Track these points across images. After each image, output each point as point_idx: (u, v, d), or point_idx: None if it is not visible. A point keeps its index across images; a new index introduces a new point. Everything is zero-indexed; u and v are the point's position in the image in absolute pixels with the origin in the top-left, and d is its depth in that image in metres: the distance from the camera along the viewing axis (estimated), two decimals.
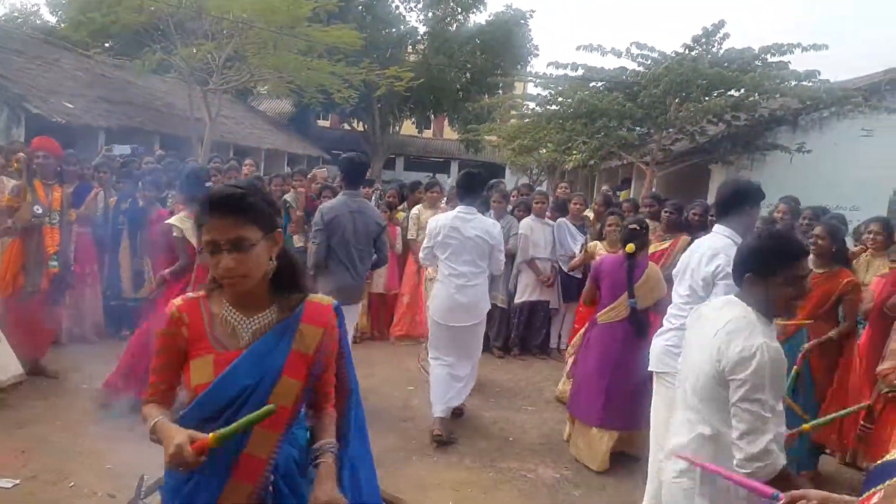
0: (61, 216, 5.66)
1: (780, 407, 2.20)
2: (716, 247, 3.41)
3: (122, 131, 14.27)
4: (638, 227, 4.83)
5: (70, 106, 14.03)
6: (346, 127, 31.37)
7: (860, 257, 5.72)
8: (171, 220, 4.99)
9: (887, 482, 1.26)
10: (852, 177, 12.28)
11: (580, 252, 7.02)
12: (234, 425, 1.63)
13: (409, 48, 27.64)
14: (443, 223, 5.08)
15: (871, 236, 5.55)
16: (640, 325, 4.66)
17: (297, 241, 7.26)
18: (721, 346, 2.17)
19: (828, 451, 4.91)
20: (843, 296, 4.52)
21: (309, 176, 9.00)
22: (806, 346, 4.46)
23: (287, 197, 7.55)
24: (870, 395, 4.63)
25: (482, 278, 5.13)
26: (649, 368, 3.81)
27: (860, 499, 1.31)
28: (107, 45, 21.51)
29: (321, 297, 1.92)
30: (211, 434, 1.61)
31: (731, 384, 2.13)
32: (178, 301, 1.86)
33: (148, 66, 16.57)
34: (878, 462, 1.41)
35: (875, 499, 1.25)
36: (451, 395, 5.07)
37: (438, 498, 4.09)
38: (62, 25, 21.72)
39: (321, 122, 33.91)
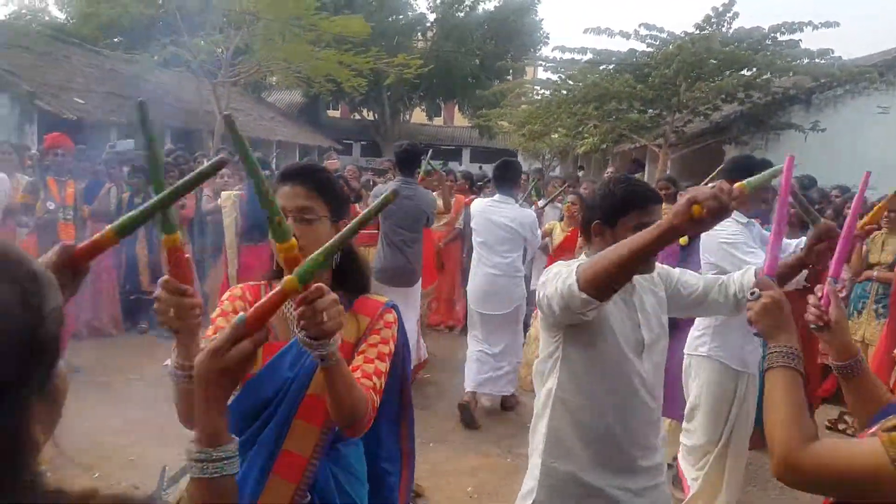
0: (75, 212, 5.70)
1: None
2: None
3: (133, 127, 14.34)
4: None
5: (81, 102, 14.11)
6: (357, 117, 31.36)
7: (875, 235, 5.65)
8: None
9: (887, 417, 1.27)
10: (869, 155, 12.10)
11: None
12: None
13: (418, 35, 27.56)
14: (478, 210, 5.21)
15: (889, 216, 5.49)
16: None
17: None
18: None
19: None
20: None
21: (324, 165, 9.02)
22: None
23: None
24: (887, 380, 4.59)
25: (514, 267, 5.13)
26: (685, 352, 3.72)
27: (863, 432, 1.33)
28: (116, 39, 21.59)
29: (377, 295, 1.84)
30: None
31: None
32: (240, 286, 1.83)
33: (158, 58, 16.62)
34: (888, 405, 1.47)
35: (874, 429, 1.27)
36: (484, 377, 5.11)
37: (457, 484, 4.10)
38: (71, 21, 21.83)
39: (331, 113, 33.93)
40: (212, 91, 16.40)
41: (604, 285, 1.69)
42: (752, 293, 1.51)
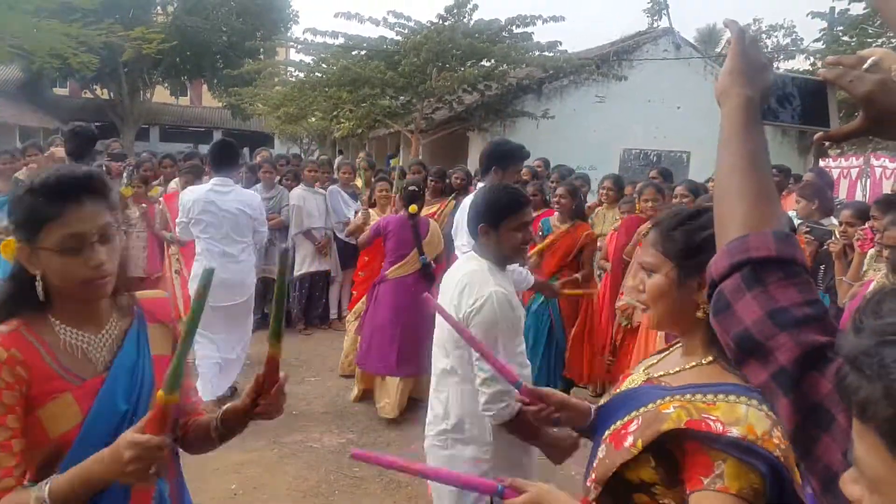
0: None
1: (521, 348, 2.43)
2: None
3: None
4: (416, 189, 5.27)
5: None
6: (89, 95, 28.25)
7: (597, 211, 6.47)
8: None
9: (641, 409, 1.34)
10: (590, 139, 13.78)
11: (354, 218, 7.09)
12: (176, 356, 1.27)
13: (157, 10, 25.53)
14: (197, 197, 4.87)
15: (605, 192, 6.32)
16: (430, 276, 5.07)
17: None
18: (458, 298, 2.33)
19: (580, 385, 5.55)
20: (584, 247, 5.10)
21: (46, 154, 8.02)
22: (557, 283, 4.89)
23: (19, 175, 6.66)
24: (611, 331, 5.34)
25: (247, 253, 5.05)
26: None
27: (619, 425, 1.37)
28: None
29: (150, 292, 1.67)
30: (158, 392, 1.26)
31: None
32: None
33: None
34: (622, 389, 1.51)
35: (633, 426, 1.32)
36: (222, 381, 5.03)
37: (220, 483, 3.99)
38: None
39: (59, 91, 30.18)
40: None
41: None
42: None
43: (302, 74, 15.53)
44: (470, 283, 2.33)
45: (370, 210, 6.68)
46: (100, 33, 16.24)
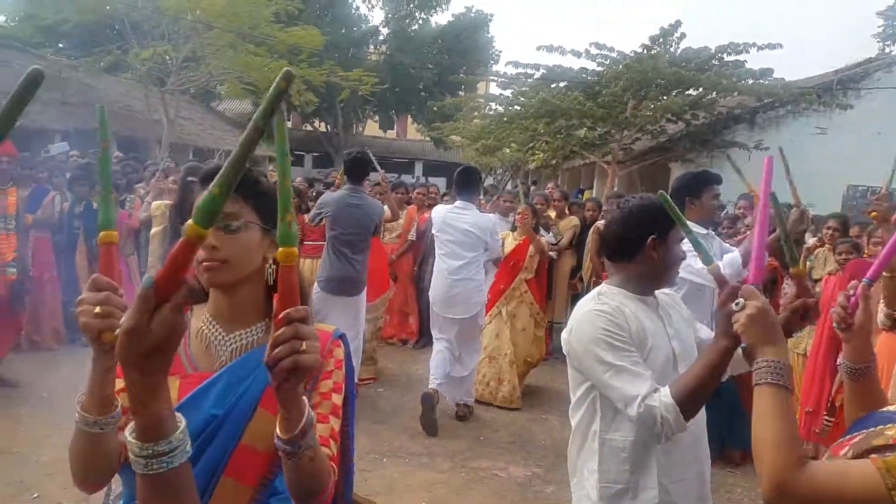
0: (17, 221, 5.51)
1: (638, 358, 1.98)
2: None
3: (79, 134, 13.94)
4: None
5: None
6: (308, 128, 31.13)
7: (817, 252, 5.87)
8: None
9: (871, 429, 1.27)
10: (808, 173, 12.58)
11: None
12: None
13: (371, 48, 27.58)
14: (439, 216, 5.32)
15: (830, 232, 5.72)
16: None
17: None
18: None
19: None
20: None
21: (272, 181, 8.90)
22: None
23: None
24: (830, 388, 4.76)
25: (474, 272, 5.24)
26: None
27: (844, 440, 1.31)
28: (60, 45, 20.97)
29: (324, 325, 1.51)
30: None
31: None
32: None
33: (103, 65, 16.21)
34: (867, 414, 1.40)
35: (857, 439, 1.26)
36: (449, 371, 5.26)
37: (411, 500, 4.08)
38: (10, 24, 21.13)
39: None
40: (160, 99, 16.07)
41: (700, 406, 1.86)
42: (737, 303, 1.43)
43: (500, 107, 15.89)
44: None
45: (509, 233, 6.48)
46: (321, 73, 17.86)
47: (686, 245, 2.79)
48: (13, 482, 3.82)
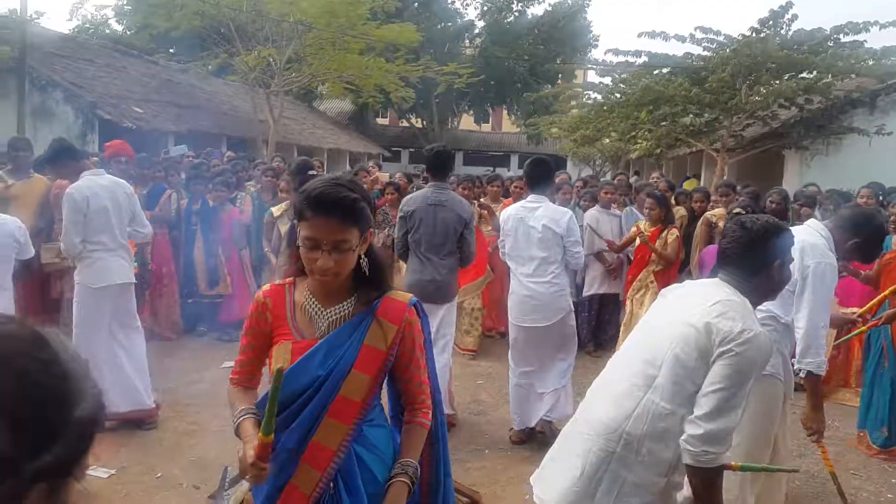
0: None
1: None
2: (810, 243, 3.12)
3: (190, 134, 14.73)
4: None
5: (139, 111, 14.56)
6: (405, 124, 31.60)
7: None
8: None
9: None
10: None
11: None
12: (267, 410, 1.59)
13: (467, 42, 27.65)
14: (509, 214, 4.74)
15: None
16: None
17: None
18: (710, 311, 2.06)
19: None
20: None
21: (371, 178, 9.06)
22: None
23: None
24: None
25: (552, 272, 4.55)
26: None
27: None
28: (171, 50, 22.19)
29: (401, 294, 1.90)
30: (259, 434, 1.64)
31: (719, 360, 1.99)
32: (266, 286, 1.93)
33: (211, 68, 17.01)
34: None
35: None
36: (532, 408, 4.70)
37: (514, 492, 4.04)
38: (128, 33, 22.56)
39: (380, 120, 34.32)
40: (265, 100, 16.71)
41: None
42: None
43: (599, 96, 15.55)
44: (731, 309, 2.06)
45: (642, 222, 6.50)
46: (417, 69, 18.05)
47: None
48: (140, 462, 4.06)
